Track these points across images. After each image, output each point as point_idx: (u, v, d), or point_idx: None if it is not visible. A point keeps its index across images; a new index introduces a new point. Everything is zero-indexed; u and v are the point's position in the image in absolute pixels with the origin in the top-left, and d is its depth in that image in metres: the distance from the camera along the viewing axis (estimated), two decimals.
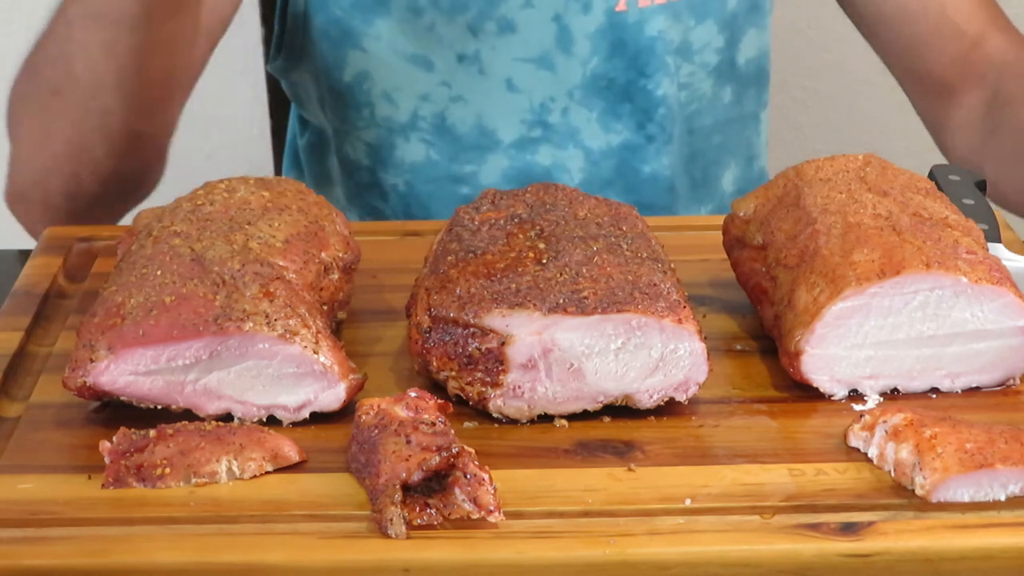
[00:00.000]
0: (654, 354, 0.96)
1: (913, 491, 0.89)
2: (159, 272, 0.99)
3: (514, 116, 1.44)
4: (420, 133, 1.45)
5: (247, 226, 1.04)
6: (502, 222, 1.06)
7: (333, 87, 1.45)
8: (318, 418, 0.98)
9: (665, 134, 1.46)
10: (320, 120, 1.53)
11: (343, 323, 1.10)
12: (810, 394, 1.00)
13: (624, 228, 1.05)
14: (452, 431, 0.91)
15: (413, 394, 0.94)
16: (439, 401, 0.94)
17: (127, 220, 1.16)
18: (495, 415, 0.97)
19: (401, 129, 1.45)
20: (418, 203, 1.46)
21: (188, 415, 0.97)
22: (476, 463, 0.89)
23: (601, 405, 0.98)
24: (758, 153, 1.56)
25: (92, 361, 0.95)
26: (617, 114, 1.45)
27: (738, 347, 1.07)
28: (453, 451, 0.87)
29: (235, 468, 0.92)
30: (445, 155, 1.45)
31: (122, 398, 0.97)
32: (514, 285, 0.98)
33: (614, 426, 0.97)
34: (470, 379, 0.97)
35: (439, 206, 1.46)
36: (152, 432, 0.93)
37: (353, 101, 1.45)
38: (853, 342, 0.99)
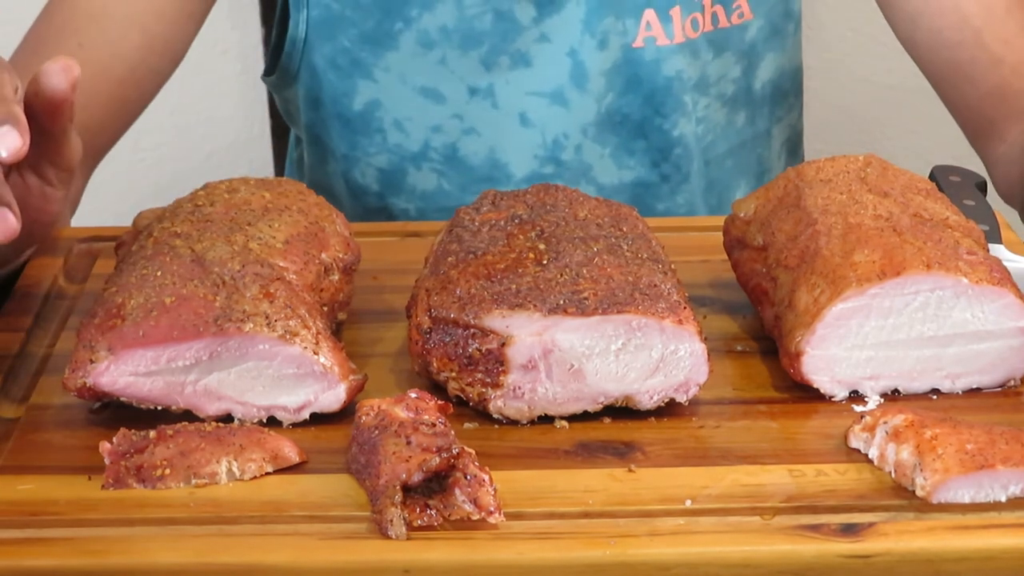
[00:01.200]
0: (654, 355, 0.96)
1: (914, 492, 0.89)
2: (159, 273, 0.99)
3: (527, 151, 1.43)
4: (431, 163, 1.43)
5: (247, 227, 1.04)
6: (502, 223, 1.06)
7: (342, 114, 1.44)
8: (318, 419, 0.98)
9: (680, 174, 1.45)
10: (307, 139, 1.52)
11: (343, 324, 1.10)
12: (810, 395, 1.00)
13: (624, 229, 1.05)
14: (452, 432, 0.91)
15: (413, 395, 0.94)
16: (439, 402, 0.94)
17: (127, 221, 1.16)
18: (495, 416, 0.97)
19: (412, 158, 1.44)
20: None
21: (188, 416, 0.97)
22: (476, 464, 0.89)
23: (601, 406, 0.98)
24: (770, 167, 1.54)
25: (92, 362, 0.95)
26: (631, 150, 1.44)
27: (738, 348, 1.07)
28: (453, 452, 0.87)
29: (235, 469, 0.92)
30: (456, 185, 1.44)
31: (122, 399, 0.97)
32: (514, 286, 0.98)
33: (614, 427, 0.97)
34: (470, 380, 0.97)
35: None
36: (152, 433, 0.93)
37: (364, 128, 1.43)
38: (853, 343, 0.99)
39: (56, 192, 1.10)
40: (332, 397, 0.97)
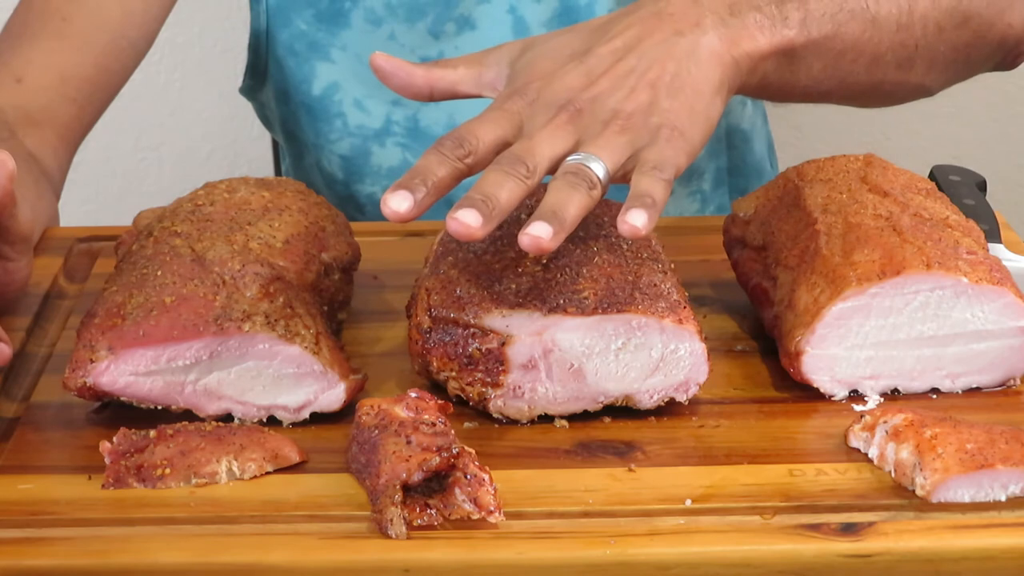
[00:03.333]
0: (654, 354, 0.96)
1: (913, 491, 0.89)
2: (159, 272, 0.99)
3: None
4: (395, 138, 1.45)
5: (247, 226, 1.04)
6: (502, 223, 1.05)
7: (303, 101, 1.46)
8: (318, 418, 0.98)
9: None
10: (284, 140, 1.54)
11: (343, 323, 1.10)
12: (810, 394, 1.00)
13: None
14: (452, 431, 0.91)
15: (413, 394, 0.94)
16: (439, 401, 0.94)
17: (127, 221, 1.16)
18: (495, 415, 0.97)
19: (376, 136, 1.46)
20: None
21: (188, 415, 0.97)
22: (476, 463, 0.89)
23: (601, 405, 0.98)
24: (726, 110, 1.53)
25: (92, 361, 0.95)
26: None
27: (738, 347, 1.07)
28: (453, 451, 0.87)
29: (235, 468, 0.92)
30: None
31: (122, 398, 0.97)
32: (514, 285, 0.98)
33: (614, 426, 0.97)
34: (470, 379, 0.97)
35: None
36: (152, 432, 0.93)
37: (324, 113, 1.46)
38: (853, 342, 0.99)
39: (17, 263, 1.12)
40: (332, 397, 0.97)
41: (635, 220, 0.91)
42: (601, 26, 1.06)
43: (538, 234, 0.89)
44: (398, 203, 0.91)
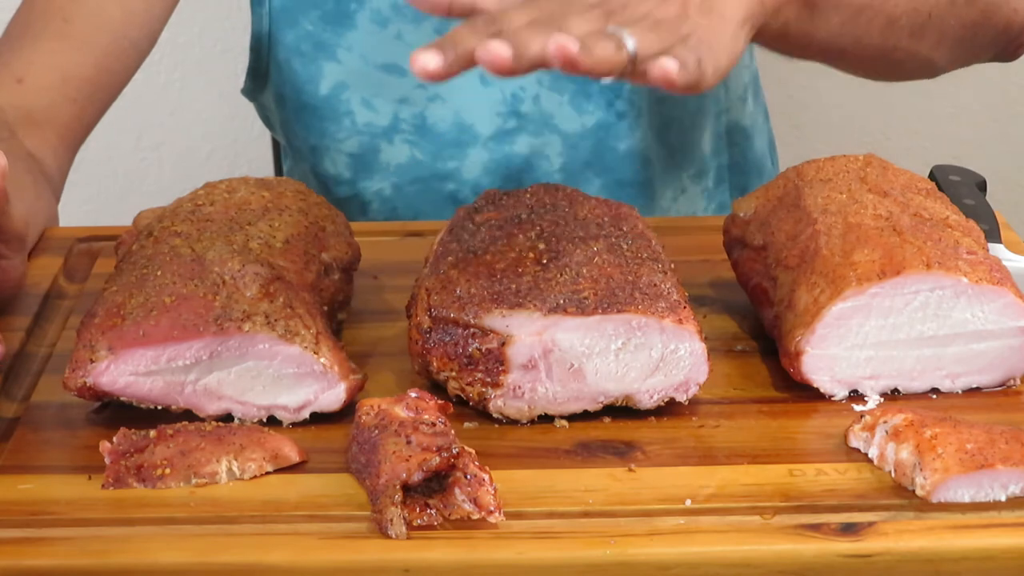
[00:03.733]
0: (654, 354, 0.96)
1: (913, 491, 0.89)
2: (159, 272, 0.99)
3: (489, 109, 1.45)
4: (403, 135, 1.46)
5: (247, 226, 1.04)
6: (502, 223, 1.06)
7: (308, 102, 1.46)
8: (318, 418, 0.98)
9: (634, 109, 1.46)
10: (285, 142, 1.54)
11: (343, 323, 1.10)
12: (810, 394, 1.00)
13: (624, 228, 1.05)
14: (452, 431, 0.91)
15: (413, 394, 0.94)
16: (439, 401, 0.94)
17: (127, 220, 1.16)
18: (495, 415, 0.97)
19: (384, 133, 1.46)
20: (405, 203, 1.47)
21: (188, 415, 0.97)
22: (476, 463, 0.89)
23: (601, 405, 0.98)
24: (727, 107, 1.55)
25: (92, 361, 0.95)
26: (587, 94, 1.45)
27: (738, 347, 1.07)
28: (453, 451, 0.87)
29: (235, 468, 0.92)
30: (428, 154, 1.47)
31: (122, 399, 0.97)
32: (514, 285, 0.98)
33: (614, 426, 0.97)
34: (470, 379, 0.97)
35: (425, 204, 1.47)
36: (152, 432, 0.93)
37: (332, 113, 1.46)
38: (853, 342, 0.99)
39: (11, 261, 1.12)
40: (332, 397, 0.97)
41: (668, 63, 0.90)
42: None
43: (565, 43, 0.88)
44: (427, 59, 0.91)
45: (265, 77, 1.50)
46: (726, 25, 1.02)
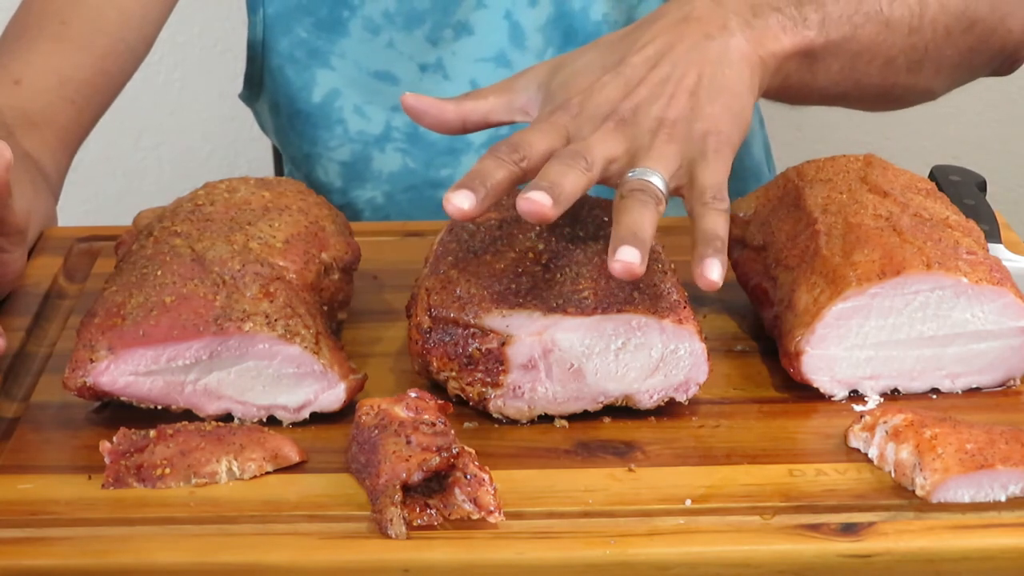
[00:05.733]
0: (654, 354, 0.96)
1: (913, 491, 0.89)
2: (159, 272, 0.99)
3: None
4: (395, 143, 1.46)
5: (247, 226, 1.04)
6: (502, 222, 1.06)
7: (301, 109, 1.47)
8: (318, 418, 0.98)
9: None
10: (281, 149, 1.55)
11: (343, 323, 1.10)
12: (810, 394, 1.00)
13: None
14: (452, 431, 0.91)
15: (413, 394, 0.94)
16: (439, 401, 0.94)
17: (127, 220, 1.16)
18: (495, 415, 0.97)
19: (376, 141, 1.46)
20: (397, 212, 1.48)
21: (188, 415, 0.97)
22: (476, 463, 0.89)
23: (601, 405, 0.98)
24: None
25: (92, 361, 0.95)
26: None
27: (738, 347, 1.07)
28: (453, 451, 0.87)
29: (235, 468, 0.92)
30: (420, 162, 1.47)
31: (122, 398, 0.97)
32: (514, 285, 0.98)
33: (614, 426, 0.97)
34: (470, 379, 0.97)
35: (417, 213, 1.47)
36: (152, 432, 0.93)
37: (324, 120, 1.46)
38: (853, 343, 0.99)
39: (11, 255, 1.13)
40: (332, 397, 0.97)
41: (712, 273, 0.94)
42: (628, 35, 1.08)
43: (628, 259, 0.92)
44: (461, 200, 0.94)
45: (260, 84, 1.51)
46: (736, 100, 1.03)
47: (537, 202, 0.93)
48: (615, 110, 1.01)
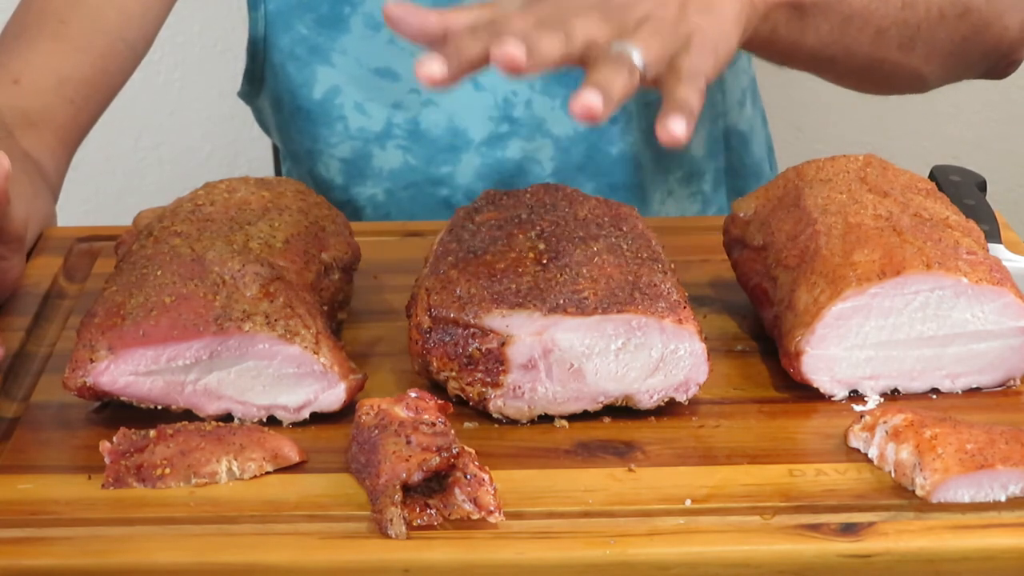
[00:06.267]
0: (654, 354, 0.96)
1: (913, 491, 0.89)
2: (159, 272, 0.99)
3: (482, 114, 1.45)
4: (396, 140, 1.46)
5: (247, 226, 1.04)
6: (502, 223, 1.06)
7: (302, 106, 1.47)
8: (318, 418, 0.98)
9: (625, 113, 1.46)
10: (282, 146, 1.55)
11: (343, 323, 1.10)
12: (810, 394, 1.00)
13: (624, 228, 1.05)
14: (452, 431, 0.91)
15: (413, 394, 0.94)
16: (439, 401, 0.94)
17: (127, 220, 1.16)
18: (495, 415, 0.97)
19: (377, 138, 1.46)
20: (398, 209, 1.48)
21: (188, 415, 0.97)
22: (476, 463, 0.89)
23: (601, 405, 0.98)
24: (724, 111, 1.55)
25: (92, 361, 0.95)
26: None
27: (738, 348, 1.07)
28: (453, 451, 0.87)
29: (235, 468, 0.92)
30: (421, 159, 1.47)
31: (122, 398, 0.97)
32: (514, 285, 0.98)
33: (614, 426, 0.97)
34: (470, 379, 0.97)
35: (418, 210, 1.47)
36: (152, 432, 0.93)
37: (325, 117, 1.46)
38: (853, 343, 0.99)
39: (9, 262, 1.13)
40: (332, 396, 0.97)
41: (675, 127, 0.91)
42: None
43: (589, 102, 0.90)
44: (432, 67, 0.93)
45: (261, 81, 1.50)
46: (723, 22, 1.03)
47: (510, 53, 0.90)
48: (602, 2, 0.98)
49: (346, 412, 0.97)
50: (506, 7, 1.01)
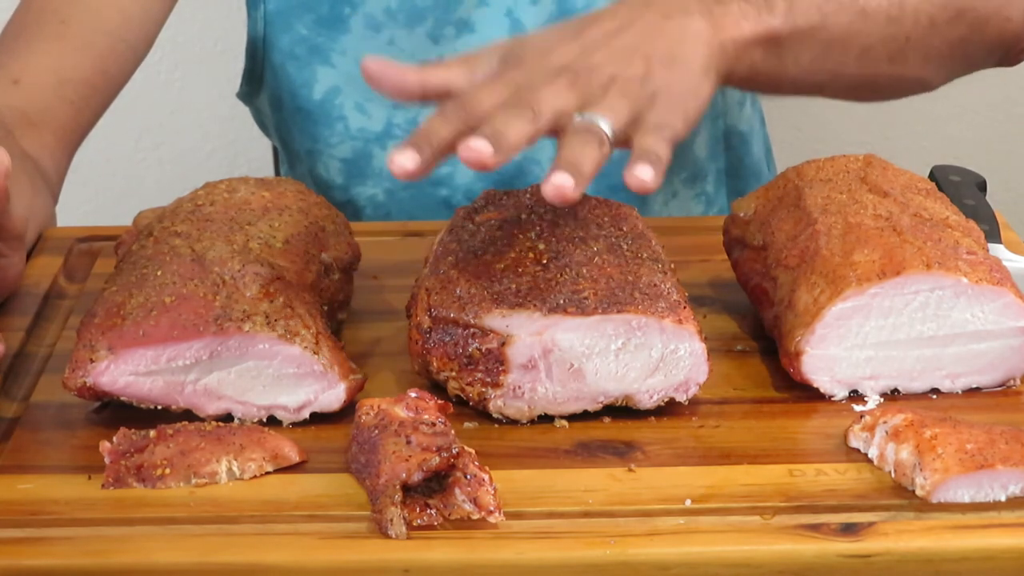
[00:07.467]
0: (654, 354, 0.96)
1: (913, 492, 0.89)
2: (159, 272, 0.99)
3: None
4: (396, 140, 1.46)
5: (247, 226, 1.04)
6: (502, 223, 1.06)
7: (302, 107, 1.47)
8: (318, 418, 0.98)
9: None
10: (281, 146, 1.55)
11: (343, 323, 1.10)
12: (810, 394, 1.00)
13: (624, 228, 1.05)
14: (452, 431, 0.91)
15: (413, 394, 0.94)
16: (439, 401, 0.94)
17: (127, 220, 1.16)
18: (495, 415, 0.97)
19: (377, 138, 1.46)
20: (398, 209, 1.48)
21: (188, 415, 0.97)
22: (476, 464, 0.89)
23: (601, 405, 0.98)
24: (724, 111, 1.55)
25: (92, 361, 0.95)
26: None
27: (738, 347, 1.07)
28: (453, 451, 0.87)
29: (235, 468, 0.92)
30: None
31: (122, 399, 0.97)
32: (514, 285, 0.98)
33: (614, 426, 0.97)
34: (470, 379, 0.97)
35: (418, 210, 1.47)
36: (152, 432, 0.93)
37: (325, 117, 1.46)
38: (853, 343, 0.99)
39: (9, 260, 1.13)
40: (332, 397, 0.97)
41: (643, 174, 0.92)
42: (591, 16, 1.08)
43: (561, 183, 0.91)
44: (405, 160, 0.93)
45: (260, 81, 1.50)
46: (690, 75, 1.03)
47: (476, 150, 0.91)
48: (570, 65, 1.00)
49: (346, 412, 0.97)
50: (483, 66, 1.02)
